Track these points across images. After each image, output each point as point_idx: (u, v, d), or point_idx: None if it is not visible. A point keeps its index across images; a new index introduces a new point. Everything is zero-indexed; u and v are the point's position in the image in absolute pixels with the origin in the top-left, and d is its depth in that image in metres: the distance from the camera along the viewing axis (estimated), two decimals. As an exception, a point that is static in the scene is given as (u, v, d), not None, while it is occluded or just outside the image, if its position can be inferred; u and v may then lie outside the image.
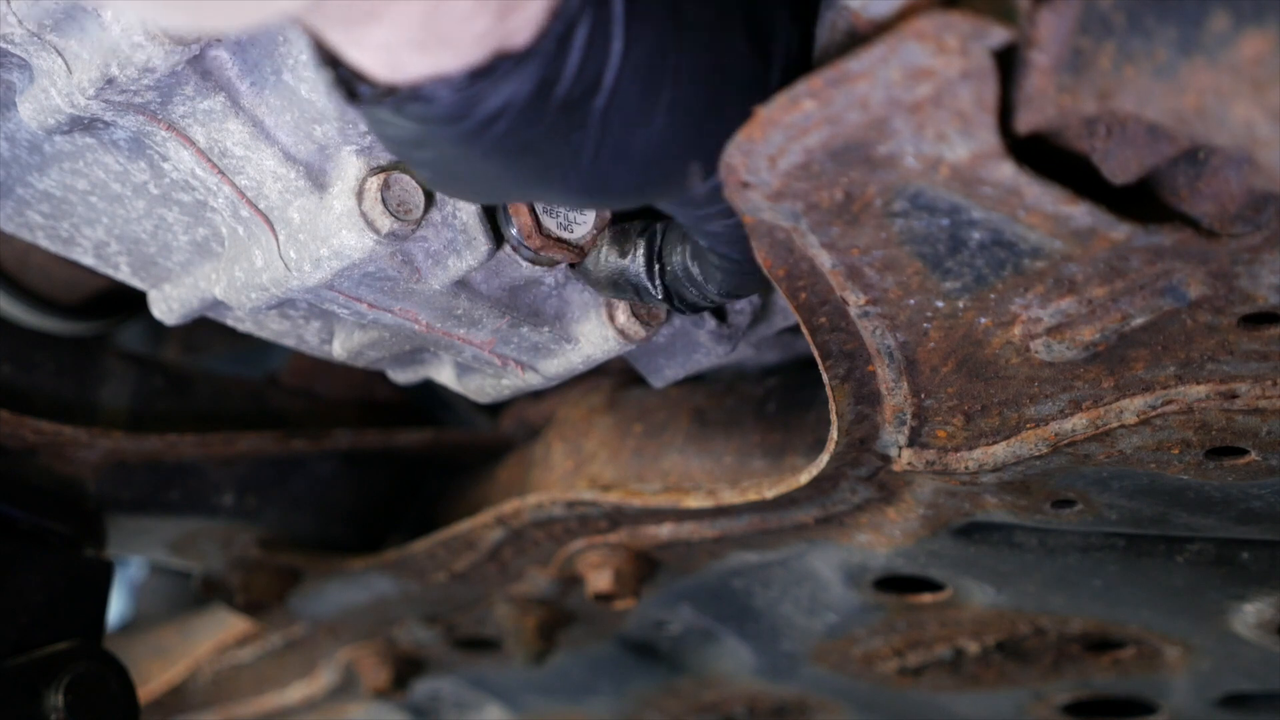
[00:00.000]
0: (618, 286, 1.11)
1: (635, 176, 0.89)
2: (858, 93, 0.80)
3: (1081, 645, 1.55)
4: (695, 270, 1.07)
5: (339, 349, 1.27)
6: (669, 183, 0.91)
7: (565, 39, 0.79)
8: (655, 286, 1.09)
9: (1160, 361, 1.02)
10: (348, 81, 0.81)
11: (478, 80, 0.79)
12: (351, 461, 1.67)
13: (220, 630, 1.87)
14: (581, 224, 1.10)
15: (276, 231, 1.07)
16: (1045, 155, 0.85)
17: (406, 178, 1.04)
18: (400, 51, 0.77)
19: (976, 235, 0.90)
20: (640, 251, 1.09)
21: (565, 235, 1.10)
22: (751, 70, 0.88)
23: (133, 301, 1.51)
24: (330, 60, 0.80)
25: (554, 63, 0.80)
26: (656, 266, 1.09)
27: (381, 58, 0.78)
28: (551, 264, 1.13)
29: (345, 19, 0.75)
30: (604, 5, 0.80)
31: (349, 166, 1.05)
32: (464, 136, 0.83)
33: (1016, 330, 1.00)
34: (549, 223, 1.09)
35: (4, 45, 1.03)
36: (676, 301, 1.10)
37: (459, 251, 1.08)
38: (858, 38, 0.82)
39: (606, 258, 1.11)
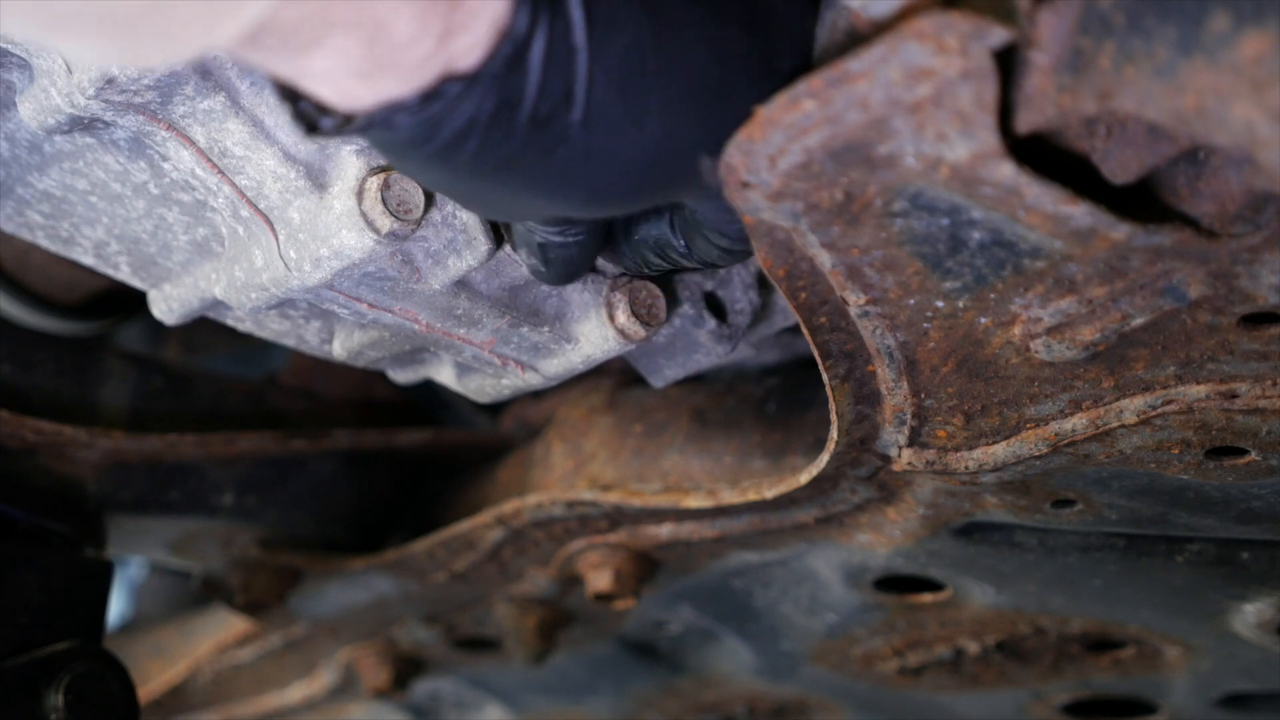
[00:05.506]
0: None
1: (639, 181, 0.89)
2: (858, 93, 0.80)
3: (1081, 645, 1.55)
4: (675, 240, 1.05)
5: (339, 349, 1.27)
6: (681, 181, 0.91)
7: (516, 60, 0.79)
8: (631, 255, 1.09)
9: (1160, 361, 1.02)
10: (307, 115, 0.80)
11: (430, 104, 0.79)
12: (351, 461, 1.67)
13: (220, 630, 1.87)
14: None
15: (276, 231, 1.07)
16: (1045, 155, 0.85)
17: (406, 177, 1.04)
18: (345, 80, 0.77)
19: (976, 235, 0.90)
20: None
21: None
22: (758, 57, 0.88)
23: (133, 301, 1.51)
24: (289, 94, 0.80)
25: (508, 83, 0.79)
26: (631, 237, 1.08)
27: (328, 88, 0.78)
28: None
29: (284, 50, 0.74)
30: (560, 20, 0.79)
31: (349, 166, 1.05)
32: (437, 158, 0.83)
33: (1016, 330, 1.00)
34: None
35: (4, 45, 1.03)
36: (645, 269, 1.10)
37: (459, 251, 1.08)
38: (858, 38, 0.82)
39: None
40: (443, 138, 0.81)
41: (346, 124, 0.80)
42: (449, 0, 0.75)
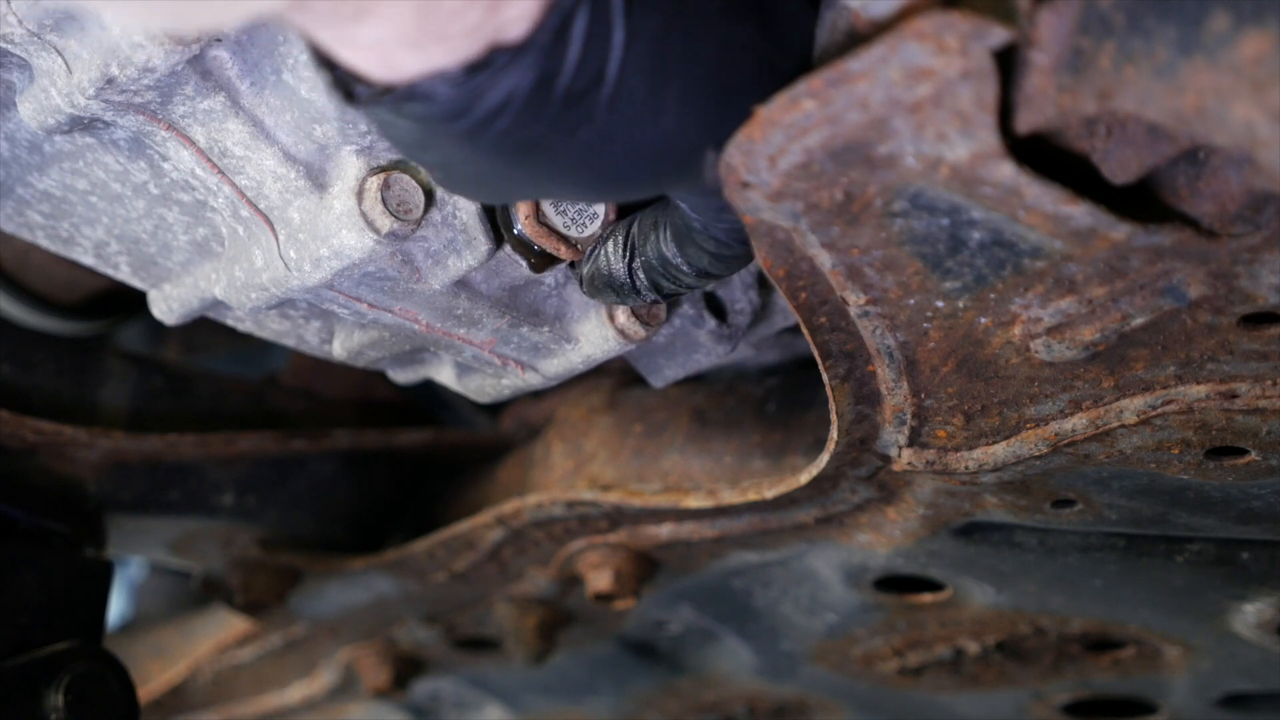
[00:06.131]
0: (609, 288, 1.11)
1: (649, 168, 0.89)
2: (858, 93, 0.80)
3: (1081, 645, 1.55)
4: (671, 254, 1.05)
5: (339, 349, 1.27)
6: (685, 172, 0.91)
7: (562, 31, 0.79)
8: (632, 279, 1.08)
9: (1160, 361, 1.02)
10: (345, 83, 0.80)
11: (475, 75, 0.78)
12: (351, 461, 1.67)
13: (220, 630, 1.87)
14: (592, 222, 1.10)
15: (276, 231, 1.07)
16: (1045, 155, 0.85)
17: (406, 177, 1.04)
18: (393, 49, 0.77)
19: (976, 235, 0.90)
20: (613, 247, 1.09)
21: (571, 233, 1.10)
22: (764, 56, 0.88)
23: (133, 301, 1.51)
24: (326, 62, 0.80)
25: (552, 55, 0.79)
26: (631, 259, 1.08)
27: (375, 57, 0.77)
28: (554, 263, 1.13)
29: (335, 16, 0.74)
30: None
31: (349, 166, 1.05)
32: (467, 134, 0.82)
33: (1016, 330, 1.00)
34: (556, 220, 1.09)
35: (4, 45, 1.03)
36: (650, 293, 1.09)
37: (459, 251, 1.08)
38: (858, 38, 0.82)
39: (587, 261, 1.11)
40: (479, 112, 0.80)
41: (385, 94, 0.79)
42: None
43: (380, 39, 0.76)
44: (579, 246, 1.10)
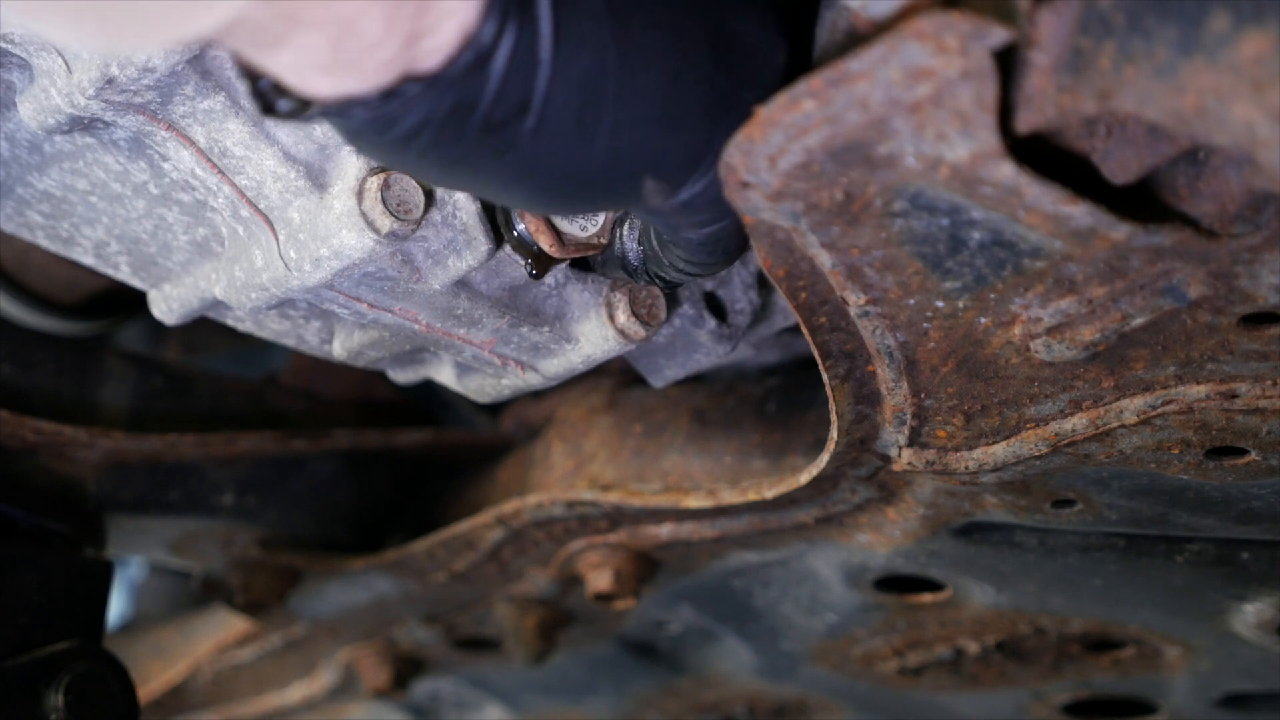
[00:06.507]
0: (621, 267, 1.12)
1: (580, 192, 0.90)
2: (858, 93, 0.80)
3: (1081, 645, 1.55)
4: (658, 249, 1.07)
5: (339, 349, 1.27)
6: (621, 197, 0.92)
7: (478, 66, 0.80)
8: (642, 264, 1.10)
9: (1160, 361, 1.02)
10: (265, 94, 0.81)
11: (388, 101, 0.80)
12: (351, 461, 1.67)
13: (220, 630, 1.87)
14: (596, 218, 1.10)
15: (276, 231, 1.07)
16: (1045, 155, 0.85)
17: (406, 177, 1.04)
18: (307, 74, 0.78)
19: (976, 235, 0.90)
20: (628, 230, 1.10)
21: (584, 236, 1.10)
22: (718, 88, 0.88)
23: (133, 301, 1.51)
24: (249, 72, 0.81)
25: (467, 87, 0.80)
26: (641, 243, 1.10)
27: (291, 78, 0.79)
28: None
29: (253, 44, 0.76)
30: (527, 33, 0.80)
31: (349, 166, 1.05)
32: (393, 146, 0.84)
33: (1016, 330, 1.00)
34: (570, 229, 1.09)
35: (4, 45, 1.03)
36: (657, 281, 1.11)
37: (459, 251, 1.08)
38: (858, 38, 0.82)
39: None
40: (396, 132, 0.82)
41: (303, 109, 0.81)
42: (418, 3, 0.76)
43: (295, 65, 0.77)
44: (597, 242, 1.10)
